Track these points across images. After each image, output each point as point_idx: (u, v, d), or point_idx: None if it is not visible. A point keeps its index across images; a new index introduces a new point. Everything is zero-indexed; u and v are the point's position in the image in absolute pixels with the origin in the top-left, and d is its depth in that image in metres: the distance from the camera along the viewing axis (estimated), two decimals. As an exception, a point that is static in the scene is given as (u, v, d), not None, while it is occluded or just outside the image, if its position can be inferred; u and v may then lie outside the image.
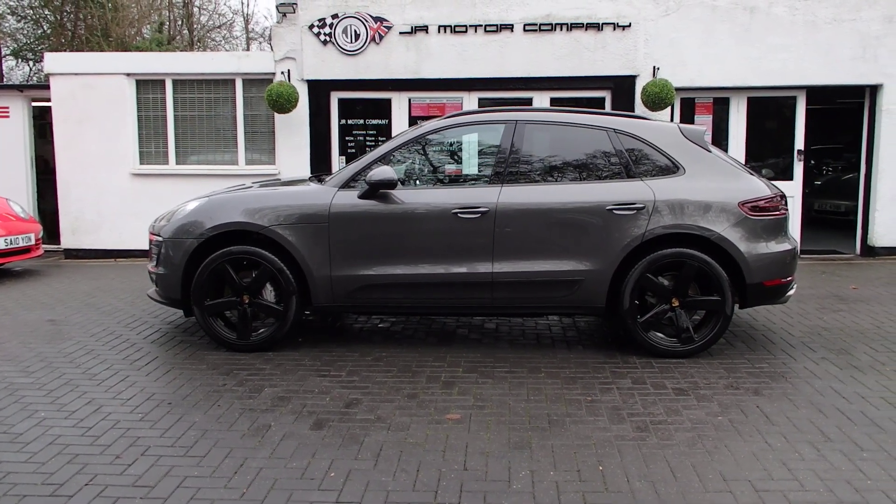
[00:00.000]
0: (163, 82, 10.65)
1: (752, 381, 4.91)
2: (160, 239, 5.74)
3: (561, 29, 9.95)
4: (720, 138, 10.21)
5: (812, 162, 13.61)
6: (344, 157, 10.43)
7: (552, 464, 3.67)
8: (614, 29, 9.92)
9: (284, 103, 9.80)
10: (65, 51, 21.86)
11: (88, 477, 3.56)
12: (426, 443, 3.93)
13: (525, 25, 9.96)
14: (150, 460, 3.73)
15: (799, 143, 10.14)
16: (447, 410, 4.40)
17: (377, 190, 5.46)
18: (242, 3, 45.38)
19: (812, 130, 10.98)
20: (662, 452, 3.79)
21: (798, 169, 10.19)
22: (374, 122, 10.49)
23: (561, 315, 6.57)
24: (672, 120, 10.02)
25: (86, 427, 4.17)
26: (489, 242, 5.41)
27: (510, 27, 9.99)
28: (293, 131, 10.37)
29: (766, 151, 10.43)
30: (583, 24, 9.91)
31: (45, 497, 3.36)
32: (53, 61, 10.76)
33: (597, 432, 4.06)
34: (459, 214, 5.41)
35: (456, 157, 6.50)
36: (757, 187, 5.47)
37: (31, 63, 25.28)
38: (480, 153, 6.09)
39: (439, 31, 10.06)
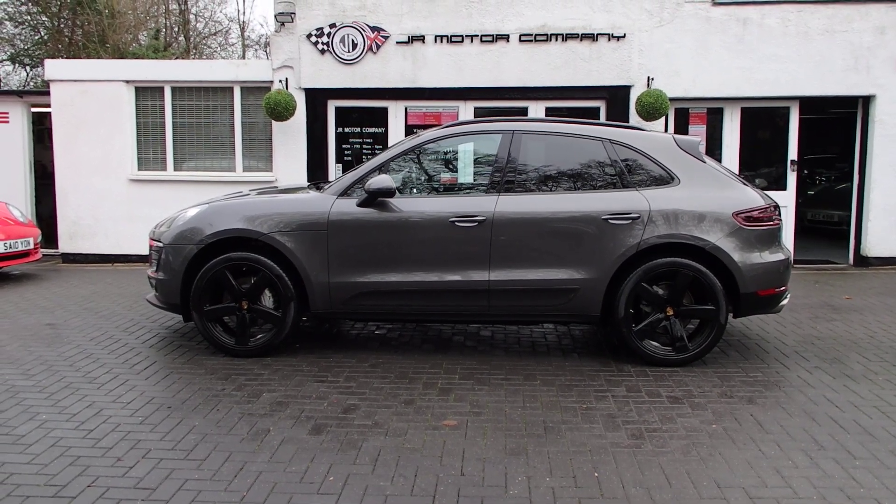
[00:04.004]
0: (161, 89, 10.71)
1: (745, 389, 4.97)
2: (160, 245, 5.78)
3: (556, 39, 10.03)
4: (714, 148, 10.29)
5: (805, 172, 13.70)
6: (340, 165, 10.48)
7: (548, 470, 3.72)
8: (609, 39, 10.01)
9: (282, 111, 9.86)
10: (62, 56, 21.91)
11: (91, 479, 3.59)
12: (423, 448, 3.98)
13: (521, 36, 10.04)
14: (151, 463, 3.77)
15: (792, 153, 10.23)
16: (444, 417, 4.45)
17: (376, 198, 5.51)
18: (238, 11, 45.53)
19: (805, 140, 11.09)
20: (657, 459, 3.84)
21: (791, 179, 10.28)
22: (371, 130, 10.54)
23: (556, 323, 6.63)
24: (666, 130, 10.10)
25: (87, 430, 4.21)
26: (486, 251, 5.46)
27: (506, 37, 10.07)
28: (290, 139, 10.42)
29: (760, 161, 10.52)
30: (578, 34, 10.00)
31: (48, 498, 3.40)
32: (54, 68, 10.82)
33: (592, 439, 4.11)
34: (457, 223, 5.46)
35: (453, 167, 6.56)
36: (751, 198, 5.54)
37: (27, 68, 25.31)
38: (477, 162, 6.16)
39: (436, 41, 10.14)
